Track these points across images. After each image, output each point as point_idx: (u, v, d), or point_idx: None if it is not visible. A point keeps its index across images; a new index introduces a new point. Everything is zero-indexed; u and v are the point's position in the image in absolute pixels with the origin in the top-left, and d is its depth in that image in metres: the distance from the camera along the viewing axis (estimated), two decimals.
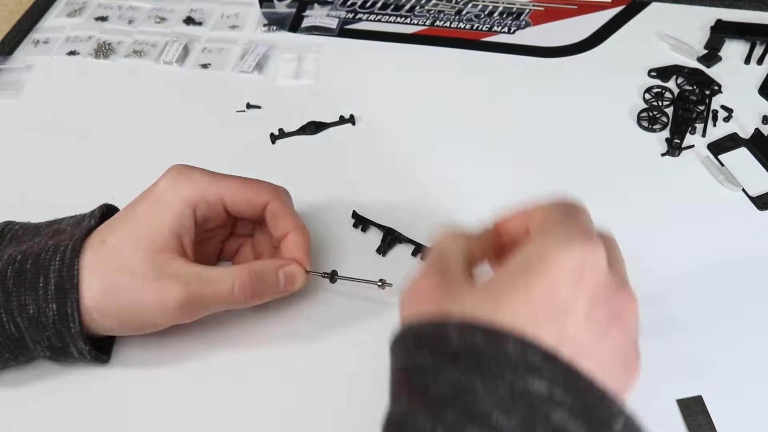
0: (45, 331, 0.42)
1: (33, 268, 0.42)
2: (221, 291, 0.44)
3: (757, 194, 0.55)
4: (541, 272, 0.31)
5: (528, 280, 0.31)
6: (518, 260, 0.32)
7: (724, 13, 0.70)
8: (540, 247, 0.32)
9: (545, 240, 0.32)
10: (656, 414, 0.43)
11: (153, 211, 0.44)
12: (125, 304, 0.43)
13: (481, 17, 0.73)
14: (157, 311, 0.43)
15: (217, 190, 0.45)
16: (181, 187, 0.45)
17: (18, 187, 0.59)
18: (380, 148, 0.60)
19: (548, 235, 0.32)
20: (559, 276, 0.30)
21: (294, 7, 0.75)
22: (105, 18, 0.75)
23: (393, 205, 0.55)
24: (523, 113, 0.62)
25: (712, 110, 0.61)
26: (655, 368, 0.45)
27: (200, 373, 0.47)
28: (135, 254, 0.43)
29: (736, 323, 0.47)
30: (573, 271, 0.31)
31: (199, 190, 0.45)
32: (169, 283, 0.43)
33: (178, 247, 0.44)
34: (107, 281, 0.42)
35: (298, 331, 0.48)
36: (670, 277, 0.50)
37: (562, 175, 0.57)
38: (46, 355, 0.44)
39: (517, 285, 0.31)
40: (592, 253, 0.31)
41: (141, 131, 0.63)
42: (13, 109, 0.66)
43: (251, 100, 0.65)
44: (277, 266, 0.45)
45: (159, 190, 0.45)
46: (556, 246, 0.31)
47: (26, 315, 0.42)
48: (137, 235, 0.43)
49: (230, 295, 0.44)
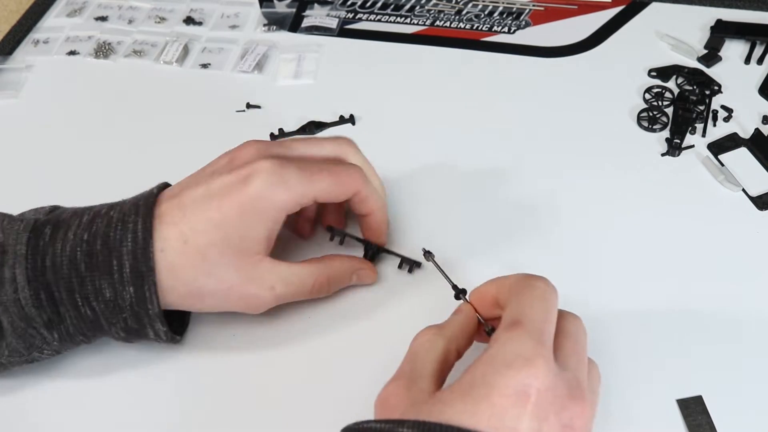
0: (122, 313, 0.42)
1: (104, 250, 0.41)
2: (301, 292, 0.46)
3: (757, 194, 0.55)
4: (485, 395, 0.32)
5: (475, 401, 0.32)
6: (468, 379, 0.34)
7: (724, 13, 0.70)
8: (487, 369, 0.33)
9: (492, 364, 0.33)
10: (656, 414, 0.44)
11: (245, 218, 0.42)
12: (209, 305, 0.44)
13: (481, 17, 0.73)
14: (241, 309, 0.45)
15: (312, 193, 0.44)
16: (276, 194, 0.42)
17: (18, 187, 0.59)
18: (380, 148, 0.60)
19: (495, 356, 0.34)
20: (504, 399, 0.32)
21: (294, 7, 0.75)
22: (105, 18, 0.75)
23: (392, 205, 0.55)
24: (523, 113, 0.62)
25: (712, 110, 0.61)
26: (655, 368, 0.45)
27: (200, 372, 0.47)
28: (221, 260, 0.42)
29: (737, 323, 0.47)
30: (517, 395, 0.32)
31: (294, 196, 0.43)
32: (256, 288, 0.44)
33: (267, 249, 0.44)
34: (192, 285, 0.42)
35: (298, 332, 0.48)
36: (669, 277, 0.50)
37: (562, 175, 0.57)
38: (120, 336, 0.44)
39: (465, 406, 0.32)
40: (536, 377, 0.33)
41: (141, 131, 0.63)
42: (13, 109, 0.66)
43: (251, 100, 0.65)
44: (354, 270, 0.49)
45: (253, 196, 0.42)
46: (501, 371, 0.33)
47: (102, 299, 0.41)
48: (226, 243, 0.42)
49: (307, 295, 0.46)
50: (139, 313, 0.42)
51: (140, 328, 0.43)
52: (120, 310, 0.42)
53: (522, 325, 0.35)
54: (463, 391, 0.33)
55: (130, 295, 0.41)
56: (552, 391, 0.33)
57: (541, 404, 0.32)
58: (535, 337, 0.34)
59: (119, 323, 0.43)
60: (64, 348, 0.44)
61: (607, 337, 0.47)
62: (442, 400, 0.34)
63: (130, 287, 0.41)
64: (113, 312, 0.42)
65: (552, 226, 0.54)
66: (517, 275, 0.40)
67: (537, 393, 0.32)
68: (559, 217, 0.54)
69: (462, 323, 0.40)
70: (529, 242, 0.53)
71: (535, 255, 0.52)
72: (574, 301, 0.49)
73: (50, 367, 0.47)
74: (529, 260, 0.51)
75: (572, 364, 0.36)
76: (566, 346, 0.36)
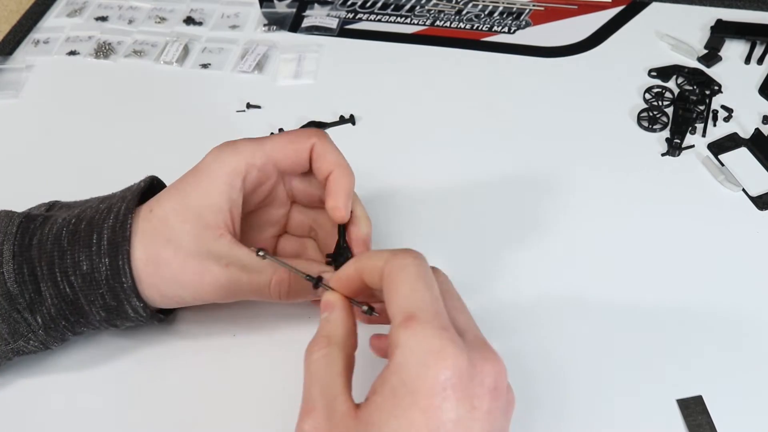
0: (98, 288, 0.42)
1: (87, 228, 0.43)
2: (258, 282, 0.43)
3: (757, 194, 0.55)
4: (413, 403, 0.32)
5: (406, 413, 0.32)
6: (388, 390, 0.33)
7: (724, 13, 0.70)
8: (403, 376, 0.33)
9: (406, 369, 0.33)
10: (656, 414, 0.44)
11: (200, 182, 0.43)
12: (166, 277, 0.43)
13: (481, 17, 0.73)
14: (194, 288, 0.43)
15: (263, 152, 0.44)
16: (226, 157, 0.44)
17: (18, 187, 0.59)
18: (380, 148, 0.60)
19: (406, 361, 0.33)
20: (432, 400, 0.32)
21: (294, 7, 0.75)
22: (105, 18, 0.75)
23: (392, 205, 0.55)
24: (523, 113, 0.62)
25: (712, 110, 0.61)
26: (655, 368, 0.46)
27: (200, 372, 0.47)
28: (181, 226, 0.43)
29: (737, 323, 0.48)
30: (443, 389, 0.32)
31: (245, 157, 0.44)
32: (210, 262, 0.42)
33: (226, 222, 0.43)
34: (151, 251, 0.42)
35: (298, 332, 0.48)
36: (670, 277, 0.50)
37: (562, 175, 0.57)
38: (102, 317, 0.44)
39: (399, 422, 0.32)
40: (453, 365, 0.32)
41: (141, 131, 0.63)
42: (13, 109, 0.66)
43: (251, 100, 0.65)
44: (318, 272, 0.44)
45: (205, 163, 0.44)
46: (418, 373, 0.32)
47: (80, 272, 0.42)
48: (184, 207, 0.43)
49: (266, 289, 0.44)
50: (115, 288, 0.43)
51: (118, 305, 0.43)
52: (97, 285, 0.42)
53: (416, 317, 0.33)
54: (389, 406, 0.33)
55: (106, 267, 0.42)
56: (469, 367, 0.33)
57: (464, 386, 0.32)
58: (434, 325, 0.33)
59: (98, 300, 0.43)
60: (51, 340, 0.45)
61: (607, 337, 0.47)
62: (373, 421, 0.33)
63: (105, 259, 0.42)
64: (90, 287, 0.42)
65: (551, 225, 0.54)
66: (382, 255, 0.37)
67: (459, 379, 0.32)
68: (558, 217, 0.54)
69: (342, 318, 0.38)
70: (529, 242, 0.53)
71: (534, 254, 0.52)
72: (573, 300, 0.49)
73: (40, 363, 0.47)
74: (528, 259, 0.51)
75: (463, 322, 0.35)
76: (451, 308, 0.36)
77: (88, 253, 0.42)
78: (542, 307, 0.49)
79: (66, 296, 0.43)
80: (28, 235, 0.43)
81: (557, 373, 0.45)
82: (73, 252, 0.42)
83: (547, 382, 0.45)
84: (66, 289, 0.43)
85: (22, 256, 0.43)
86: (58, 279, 0.42)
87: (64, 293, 0.43)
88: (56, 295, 0.43)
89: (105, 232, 0.42)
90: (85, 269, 0.42)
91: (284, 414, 0.44)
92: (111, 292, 0.43)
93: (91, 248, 0.42)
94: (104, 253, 0.42)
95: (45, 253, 0.43)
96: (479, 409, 0.33)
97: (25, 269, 0.42)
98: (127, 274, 0.42)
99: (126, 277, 0.42)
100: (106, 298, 0.43)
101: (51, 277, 0.42)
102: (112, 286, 0.42)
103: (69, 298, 0.43)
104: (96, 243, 0.42)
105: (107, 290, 0.43)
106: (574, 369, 0.46)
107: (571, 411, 0.44)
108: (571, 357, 0.46)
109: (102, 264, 0.42)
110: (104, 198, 0.46)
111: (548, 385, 0.45)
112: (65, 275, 0.42)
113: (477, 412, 0.33)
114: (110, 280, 0.42)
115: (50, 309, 0.43)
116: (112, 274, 0.42)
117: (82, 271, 0.42)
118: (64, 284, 0.43)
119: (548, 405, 0.44)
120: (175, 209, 0.43)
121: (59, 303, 0.43)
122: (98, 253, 0.42)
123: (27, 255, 0.43)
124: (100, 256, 0.42)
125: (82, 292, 0.43)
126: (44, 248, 0.43)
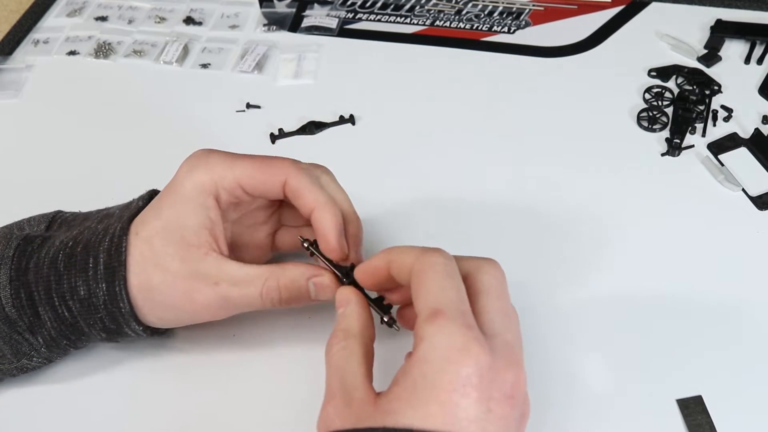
0: (97, 312, 0.42)
1: (83, 251, 0.42)
2: (249, 294, 0.42)
3: (757, 194, 0.55)
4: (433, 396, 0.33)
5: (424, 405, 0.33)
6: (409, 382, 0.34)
7: (724, 13, 0.70)
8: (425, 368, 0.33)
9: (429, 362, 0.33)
10: (656, 414, 0.44)
11: (175, 203, 0.42)
12: (158, 301, 0.42)
13: (481, 17, 0.73)
14: (188, 310, 0.43)
15: (232, 176, 0.43)
16: (196, 175, 0.42)
17: (17, 187, 0.59)
18: (380, 148, 0.60)
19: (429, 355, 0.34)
20: (451, 395, 0.33)
21: (294, 7, 0.75)
22: (105, 18, 0.75)
23: (392, 205, 0.55)
24: (523, 113, 0.62)
25: (712, 110, 0.61)
26: (655, 368, 0.46)
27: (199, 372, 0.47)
28: (166, 249, 0.42)
29: (737, 323, 0.48)
30: (463, 386, 0.33)
31: (214, 176, 0.42)
32: (199, 283, 0.42)
33: (210, 241, 0.43)
34: (142, 277, 0.42)
35: (298, 332, 0.48)
36: (669, 277, 0.50)
37: (562, 175, 0.57)
38: (103, 338, 0.44)
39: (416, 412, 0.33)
40: (475, 364, 0.33)
41: (141, 131, 0.63)
42: (13, 109, 0.66)
43: (251, 100, 0.65)
44: (309, 275, 0.43)
45: (178, 180, 0.43)
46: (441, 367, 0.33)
47: (77, 297, 0.42)
48: (167, 231, 0.42)
49: (257, 300, 0.43)
50: (114, 312, 0.42)
51: (118, 328, 0.43)
52: (95, 310, 0.42)
53: (443, 313, 0.34)
54: (408, 396, 0.33)
55: (103, 293, 0.42)
56: (490, 369, 0.33)
57: (484, 387, 0.33)
58: (459, 323, 0.34)
59: (97, 324, 0.43)
60: (54, 355, 0.45)
61: (606, 337, 0.47)
62: (391, 409, 0.33)
63: (102, 284, 0.42)
64: (89, 312, 0.42)
65: (551, 225, 0.54)
66: (413, 251, 0.38)
67: (479, 378, 0.33)
68: (558, 217, 0.54)
69: (357, 312, 0.40)
70: (528, 241, 0.53)
71: (533, 254, 0.52)
72: (572, 300, 0.49)
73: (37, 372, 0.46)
74: (527, 259, 0.51)
75: (498, 324, 0.36)
76: (487, 307, 0.36)
77: (84, 278, 0.42)
78: (540, 307, 0.49)
79: (65, 320, 0.43)
80: (25, 259, 0.43)
81: (557, 373, 0.45)
82: (70, 277, 0.42)
83: (546, 382, 0.45)
84: (65, 314, 0.42)
85: (18, 281, 0.42)
86: (56, 304, 0.42)
87: (63, 317, 0.42)
88: (55, 319, 0.42)
89: (101, 257, 0.42)
90: (82, 294, 0.42)
91: (284, 414, 0.45)
92: (110, 317, 0.42)
93: (88, 273, 0.42)
94: (101, 278, 0.42)
95: (42, 278, 0.42)
96: (494, 412, 0.33)
97: (22, 294, 0.42)
98: (124, 299, 0.42)
99: (123, 303, 0.42)
100: (105, 322, 0.43)
101: (49, 301, 0.42)
102: (110, 310, 0.42)
103: (68, 322, 0.43)
104: (92, 267, 0.42)
105: (106, 314, 0.42)
106: (573, 369, 0.46)
107: (571, 411, 0.44)
108: (571, 357, 0.46)
109: (99, 289, 0.42)
110: (103, 216, 0.45)
111: (548, 384, 0.45)
112: (63, 300, 0.42)
113: (492, 415, 0.33)
114: (108, 305, 0.42)
115: (50, 331, 0.43)
116: (110, 300, 0.42)
117: (79, 296, 0.42)
118: (62, 309, 0.42)
119: (547, 405, 0.44)
120: (158, 232, 0.42)
121: (59, 326, 0.43)
122: (95, 279, 0.42)
123: (24, 279, 0.42)
124: (97, 281, 0.42)
125: (81, 316, 0.42)
126: (41, 272, 0.42)
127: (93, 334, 0.44)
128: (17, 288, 0.42)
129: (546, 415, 0.43)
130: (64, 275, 0.42)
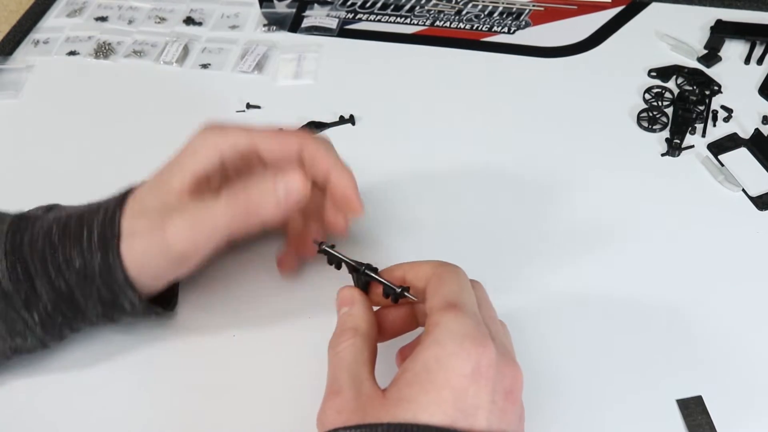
0: (93, 283, 0.43)
1: (78, 223, 0.43)
2: (216, 211, 0.42)
3: (757, 194, 0.55)
4: (445, 380, 0.34)
5: (437, 389, 0.34)
6: (420, 367, 0.34)
7: (724, 13, 0.70)
8: (438, 352, 0.34)
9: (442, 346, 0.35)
10: (656, 414, 0.44)
11: (177, 157, 0.45)
12: (140, 250, 0.42)
13: (481, 17, 0.73)
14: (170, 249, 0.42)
15: (248, 139, 0.45)
16: (209, 136, 0.45)
17: (17, 187, 0.59)
18: (380, 148, 0.60)
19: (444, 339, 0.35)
20: (463, 380, 0.34)
21: (294, 7, 0.75)
22: (105, 18, 0.75)
23: (392, 205, 0.55)
24: (523, 113, 0.62)
25: (712, 110, 0.61)
26: (655, 368, 0.46)
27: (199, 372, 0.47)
28: (150, 197, 0.44)
29: (737, 323, 0.48)
30: (473, 373, 0.34)
31: (229, 138, 0.45)
32: (172, 216, 0.42)
33: (195, 189, 0.44)
34: (126, 226, 0.43)
35: (298, 332, 0.48)
36: (669, 278, 0.50)
37: (562, 175, 0.57)
38: (99, 312, 0.44)
39: (427, 390, 0.34)
40: (486, 354, 0.34)
41: (141, 132, 0.63)
42: (13, 109, 0.66)
43: (251, 100, 0.65)
44: (273, 174, 0.43)
45: (190, 140, 0.45)
46: (455, 352, 0.34)
47: (73, 269, 0.42)
48: (158, 181, 0.44)
49: (224, 213, 0.42)
50: (109, 282, 0.43)
51: (114, 298, 0.44)
52: (91, 280, 0.43)
53: (459, 307, 0.36)
54: (420, 382, 0.34)
55: (98, 263, 0.42)
56: (496, 364, 0.35)
57: (490, 378, 0.34)
58: (475, 318, 0.36)
59: (93, 295, 0.43)
60: (49, 338, 0.45)
61: (606, 337, 0.47)
62: (402, 397, 0.34)
63: (97, 253, 0.42)
64: (85, 282, 0.43)
65: (550, 225, 0.54)
66: (430, 262, 0.40)
67: (487, 368, 0.34)
68: (558, 217, 0.54)
69: (364, 312, 0.41)
70: (528, 241, 0.53)
71: (532, 254, 0.52)
72: (572, 300, 0.49)
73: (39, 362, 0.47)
74: (526, 259, 0.51)
75: (494, 331, 0.37)
76: (485, 315, 0.38)
77: (79, 249, 0.43)
78: (540, 307, 0.49)
79: (61, 293, 0.43)
80: (19, 234, 0.43)
81: (557, 373, 0.45)
82: (65, 248, 0.43)
83: (546, 382, 0.45)
84: (61, 286, 0.43)
85: (14, 255, 0.43)
86: (53, 277, 0.43)
87: (59, 289, 0.43)
88: (51, 291, 0.43)
89: (95, 228, 0.43)
90: (77, 266, 0.42)
91: (284, 413, 0.45)
92: (106, 286, 0.43)
93: (82, 243, 0.43)
94: (95, 248, 0.42)
95: (36, 250, 0.43)
96: (497, 404, 0.34)
97: (18, 267, 0.43)
98: (117, 268, 0.42)
99: (117, 271, 0.42)
100: (101, 292, 0.43)
101: (45, 273, 0.43)
102: (106, 280, 0.43)
103: (65, 295, 0.43)
104: (87, 238, 0.43)
105: (101, 283, 0.43)
106: (573, 369, 0.46)
107: (571, 411, 0.44)
108: (571, 357, 0.46)
109: (94, 259, 0.42)
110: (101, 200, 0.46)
111: (548, 384, 0.45)
112: (59, 271, 0.43)
113: (495, 407, 0.34)
114: (104, 274, 0.43)
115: (46, 305, 0.43)
116: (104, 269, 0.42)
117: (75, 268, 0.43)
118: (59, 281, 0.43)
119: (548, 405, 0.44)
120: (150, 186, 0.44)
121: (55, 299, 0.43)
122: (89, 249, 0.42)
123: (19, 253, 0.43)
124: (92, 252, 0.42)
125: (78, 287, 0.43)
126: (35, 245, 0.43)
127: (89, 309, 0.44)
128: (13, 262, 0.43)
129: (546, 415, 0.43)
130: (59, 247, 0.43)
